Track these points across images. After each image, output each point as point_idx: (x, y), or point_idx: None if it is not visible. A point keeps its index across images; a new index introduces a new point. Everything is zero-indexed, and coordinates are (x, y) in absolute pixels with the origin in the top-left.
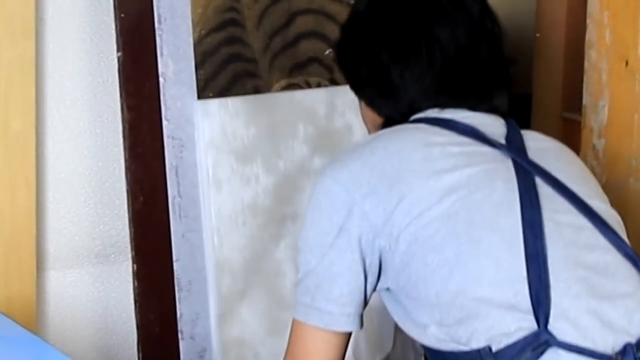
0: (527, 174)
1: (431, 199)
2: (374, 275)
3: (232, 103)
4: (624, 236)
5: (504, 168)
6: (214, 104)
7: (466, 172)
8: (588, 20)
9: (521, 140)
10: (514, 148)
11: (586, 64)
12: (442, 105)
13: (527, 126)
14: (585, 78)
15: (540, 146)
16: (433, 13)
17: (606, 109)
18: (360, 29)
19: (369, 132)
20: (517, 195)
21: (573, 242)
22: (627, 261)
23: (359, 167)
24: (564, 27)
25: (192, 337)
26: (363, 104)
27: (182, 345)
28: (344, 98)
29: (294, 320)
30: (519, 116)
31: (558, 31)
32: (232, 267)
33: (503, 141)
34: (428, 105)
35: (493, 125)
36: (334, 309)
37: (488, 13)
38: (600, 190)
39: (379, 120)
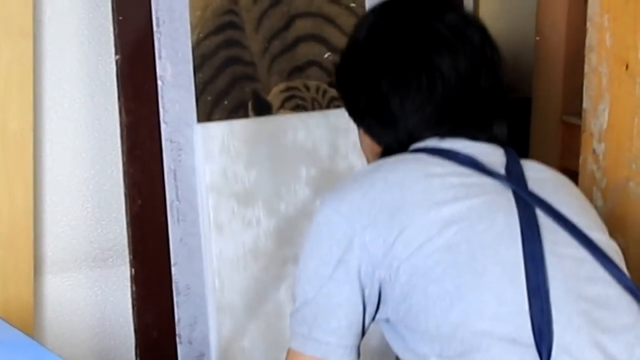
0: (528, 206)
1: (432, 230)
2: (373, 306)
3: (234, 146)
4: (623, 268)
5: (505, 200)
6: (215, 146)
7: (467, 203)
8: (588, 24)
9: (521, 170)
10: (514, 178)
11: (586, 68)
12: (442, 135)
13: (527, 131)
14: (585, 82)
15: (540, 176)
16: (433, 42)
17: (606, 112)
18: (360, 58)
19: (367, 160)
20: (518, 227)
21: (574, 274)
22: (627, 294)
23: (359, 198)
24: (564, 31)
25: (190, 342)
26: (362, 131)
27: (179, 350)
28: (347, 140)
29: (290, 350)
30: (519, 121)
31: (558, 34)
32: (234, 310)
33: (503, 171)
34: (428, 135)
35: (493, 154)
36: (332, 340)
37: (488, 40)
38: (599, 220)
39: (377, 148)
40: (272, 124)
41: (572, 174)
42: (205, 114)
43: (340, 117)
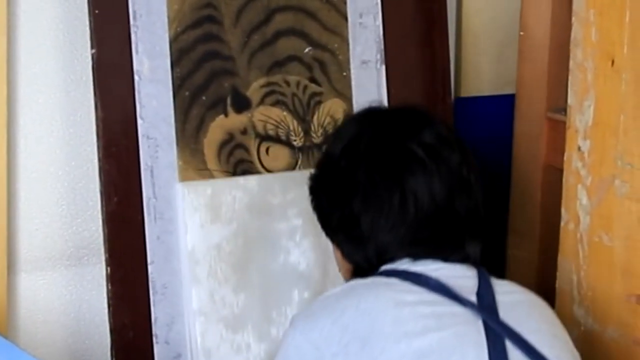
0: (498, 338)
1: None
2: None
3: (221, 269)
4: None
5: (475, 331)
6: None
7: (437, 336)
8: (573, 19)
9: (492, 295)
10: (485, 306)
11: (571, 63)
12: (414, 256)
13: (511, 128)
14: (570, 77)
15: (513, 300)
16: (408, 163)
17: (592, 109)
18: (333, 174)
19: (339, 270)
20: None
21: None
22: None
23: (329, 325)
24: (549, 26)
25: (167, 342)
26: (334, 245)
27: (156, 350)
28: None
29: None
30: (503, 118)
31: (543, 29)
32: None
33: (474, 298)
34: (400, 255)
35: (464, 277)
36: None
37: (465, 160)
38: (571, 346)
39: (348, 265)
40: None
41: (557, 171)
42: (183, 109)
43: None
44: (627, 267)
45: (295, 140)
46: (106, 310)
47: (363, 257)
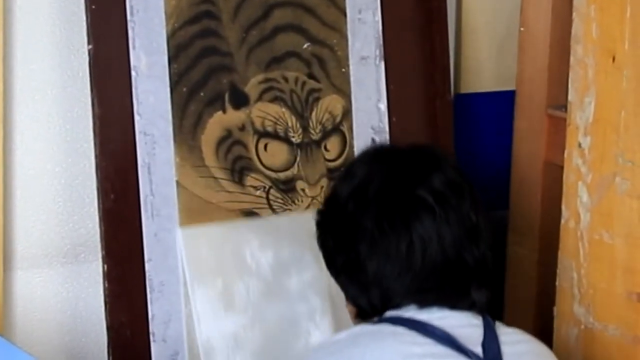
0: None
1: None
2: None
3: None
4: None
5: None
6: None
7: None
8: (574, 14)
9: (498, 346)
10: (491, 359)
11: (572, 60)
12: (420, 303)
13: (511, 124)
14: (570, 74)
15: (518, 350)
16: (417, 210)
17: (592, 105)
18: (340, 217)
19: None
20: None
21: None
22: None
23: None
24: (550, 21)
25: (164, 340)
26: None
27: (153, 348)
28: None
29: None
30: (503, 114)
31: (543, 25)
32: None
33: (479, 349)
34: (405, 302)
35: (470, 326)
36: None
37: (475, 204)
38: None
39: (351, 307)
40: None
41: (557, 168)
42: (181, 105)
43: None
44: (627, 265)
45: (293, 137)
46: (103, 308)
47: (367, 302)
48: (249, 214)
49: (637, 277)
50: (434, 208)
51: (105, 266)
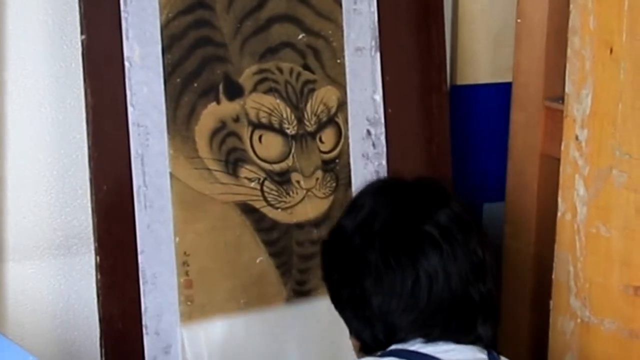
0: None
1: None
2: None
3: None
4: None
5: None
6: None
7: None
8: (571, 6)
9: None
10: None
11: (569, 51)
12: (425, 337)
13: (507, 116)
14: (568, 66)
15: None
16: (423, 246)
17: (589, 97)
18: (345, 251)
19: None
20: None
21: None
22: None
23: None
24: (546, 13)
25: (157, 333)
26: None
27: (146, 341)
28: None
29: None
30: (500, 106)
31: (540, 16)
32: None
33: None
34: (411, 336)
35: None
36: None
37: (481, 240)
38: None
39: (355, 340)
40: None
41: (554, 161)
42: (174, 96)
43: None
44: (624, 258)
45: (288, 129)
46: (95, 300)
47: (371, 336)
48: (243, 206)
49: (634, 270)
50: (440, 244)
51: (98, 258)
